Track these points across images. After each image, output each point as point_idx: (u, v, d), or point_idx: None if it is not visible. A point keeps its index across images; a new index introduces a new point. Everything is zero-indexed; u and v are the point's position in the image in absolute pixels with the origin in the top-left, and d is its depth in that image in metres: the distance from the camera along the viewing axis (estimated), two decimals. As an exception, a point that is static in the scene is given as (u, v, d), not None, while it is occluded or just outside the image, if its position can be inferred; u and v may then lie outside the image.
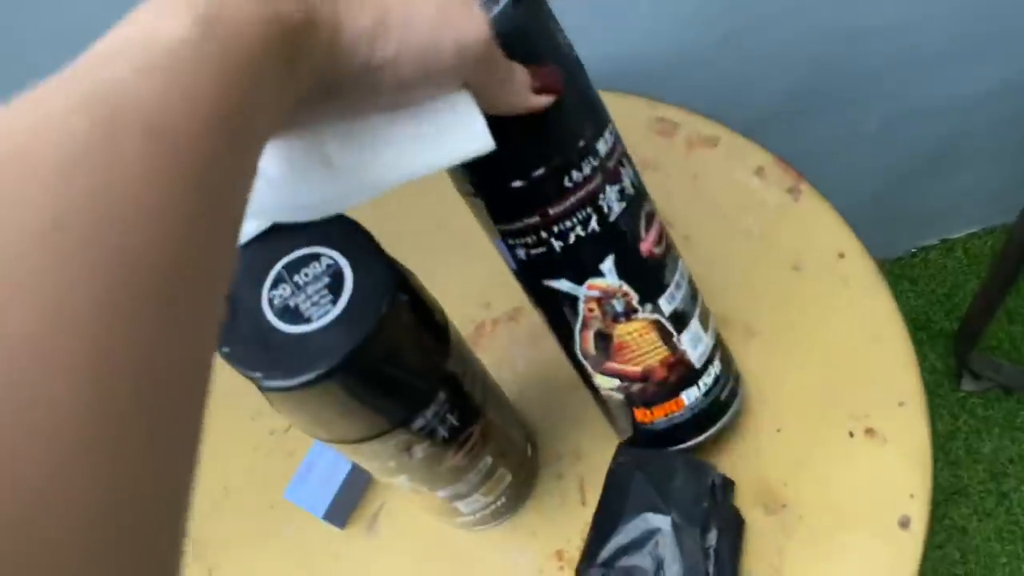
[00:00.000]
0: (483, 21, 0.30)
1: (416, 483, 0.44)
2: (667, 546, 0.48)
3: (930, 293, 1.32)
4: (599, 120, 0.41)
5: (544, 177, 0.40)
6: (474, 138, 0.30)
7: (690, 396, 0.49)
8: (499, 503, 0.52)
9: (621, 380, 0.48)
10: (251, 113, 0.21)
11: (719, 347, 0.51)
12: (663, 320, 0.46)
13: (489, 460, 0.47)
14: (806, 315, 0.57)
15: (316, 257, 0.34)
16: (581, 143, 0.40)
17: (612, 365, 0.48)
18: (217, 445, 0.63)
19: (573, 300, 0.45)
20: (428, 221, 0.66)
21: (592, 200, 0.41)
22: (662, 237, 0.46)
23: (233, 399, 0.64)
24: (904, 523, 0.49)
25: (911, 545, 0.49)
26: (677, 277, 0.47)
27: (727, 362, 0.52)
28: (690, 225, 0.62)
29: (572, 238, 0.42)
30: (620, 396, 0.49)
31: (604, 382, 0.49)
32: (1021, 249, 0.98)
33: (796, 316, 0.57)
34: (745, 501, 0.52)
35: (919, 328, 1.29)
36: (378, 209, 0.31)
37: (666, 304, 0.46)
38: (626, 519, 0.49)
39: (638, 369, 0.48)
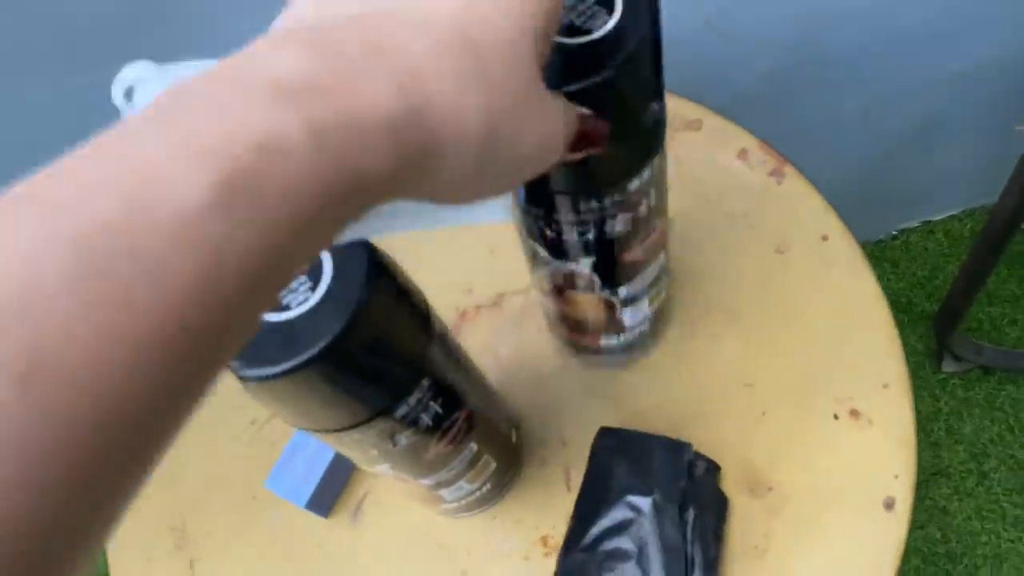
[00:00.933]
0: (562, 135, 0.26)
1: (399, 471, 0.44)
2: (648, 527, 0.47)
3: (911, 275, 1.32)
4: (638, 161, 0.39)
5: (561, 197, 0.39)
6: (494, 211, 0.30)
7: (609, 340, 0.53)
8: (484, 490, 0.51)
9: (559, 312, 0.51)
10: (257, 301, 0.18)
11: (656, 310, 0.53)
12: (615, 300, 0.48)
13: (473, 447, 0.47)
14: (790, 298, 0.56)
15: (294, 243, 0.33)
16: (609, 184, 0.39)
17: (557, 304, 0.50)
18: (198, 435, 0.62)
19: (545, 262, 0.46)
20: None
21: (599, 223, 0.41)
22: (654, 244, 0.46)
23: (217, 391, 0.63)
24: (889, 504, 0.49)
25: (896, 525, 0.49)
26: (648, 272, 0.47)
27: (658, 320, 0.55)
28: (673, 208, 0.61)
29: (565, 237, 0.42)
30: (555, 316, 0.53)
31: (545, 303, 0.53)
32: (1001, 231, 0.99)
33: (780, 299, 0.57)
34: (731, 484, 0.52)
35: (900, 311, 1.30)
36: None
37: (624, 291, 0.47)
38: (609, 503, 0.49)
39: (576, 317, 0.51)
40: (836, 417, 0.52)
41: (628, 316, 0.50)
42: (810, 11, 0.85)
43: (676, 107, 0.65)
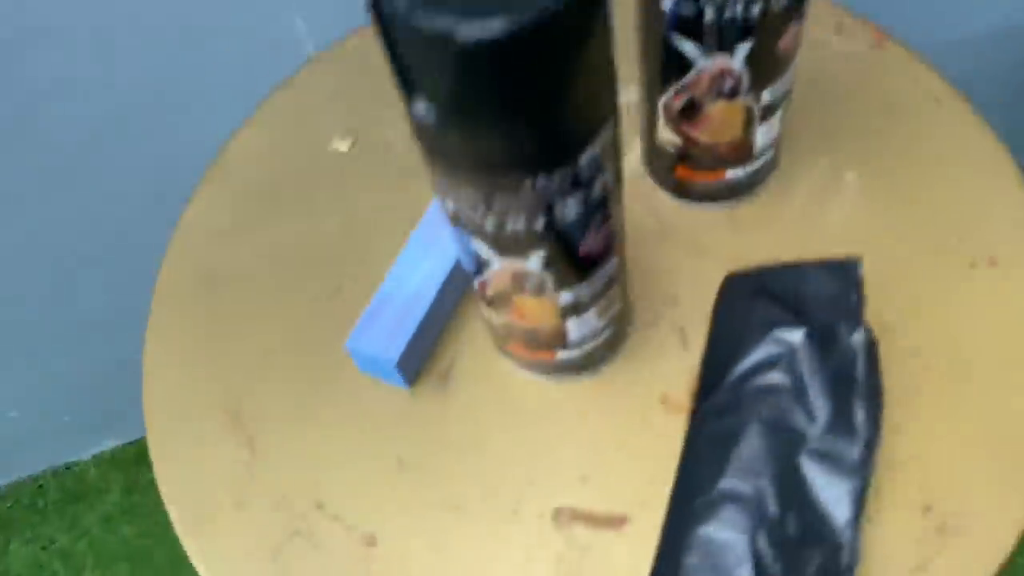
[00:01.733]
0: None
1: (550, 268, 0.39)
2: (805, 357, 0.43)
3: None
4: None
5: None
6: None
7: (736, 173, 0.50)
8: (604, 336, 0.47)
9: (685, 141, 0.48)
10: None
11: (780, 135, 0.50)
12: (755, 108, 0.45)
13: (615, 262, 0.42)
14: (909, 155, 0.54)
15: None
16: None
17: (686, 128, 0.47)
18: (255, 311, 0.55)
19: (687, 66, 0.43)
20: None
21: None
22: (800, 30, 0.44)
23: (272, 268, 0.57)
24: (1044, 346, 0.46)
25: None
26: (788, 72, 0.45)
27: (779, 147, 0.52)
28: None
29: (727, 15, 0.39)
30: (673, 151, 0.49)
31: (667, 136, 0.48)
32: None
33: (899, 157, 0.54)
34: (867, 335, 0.48)
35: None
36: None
37: (767, 95, 0.45)
38: (750, 342, 0.45)
39: (708, 141, 0.47)
40: (973, 265, 0.49)
41: (762, 134, 0.47)
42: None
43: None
